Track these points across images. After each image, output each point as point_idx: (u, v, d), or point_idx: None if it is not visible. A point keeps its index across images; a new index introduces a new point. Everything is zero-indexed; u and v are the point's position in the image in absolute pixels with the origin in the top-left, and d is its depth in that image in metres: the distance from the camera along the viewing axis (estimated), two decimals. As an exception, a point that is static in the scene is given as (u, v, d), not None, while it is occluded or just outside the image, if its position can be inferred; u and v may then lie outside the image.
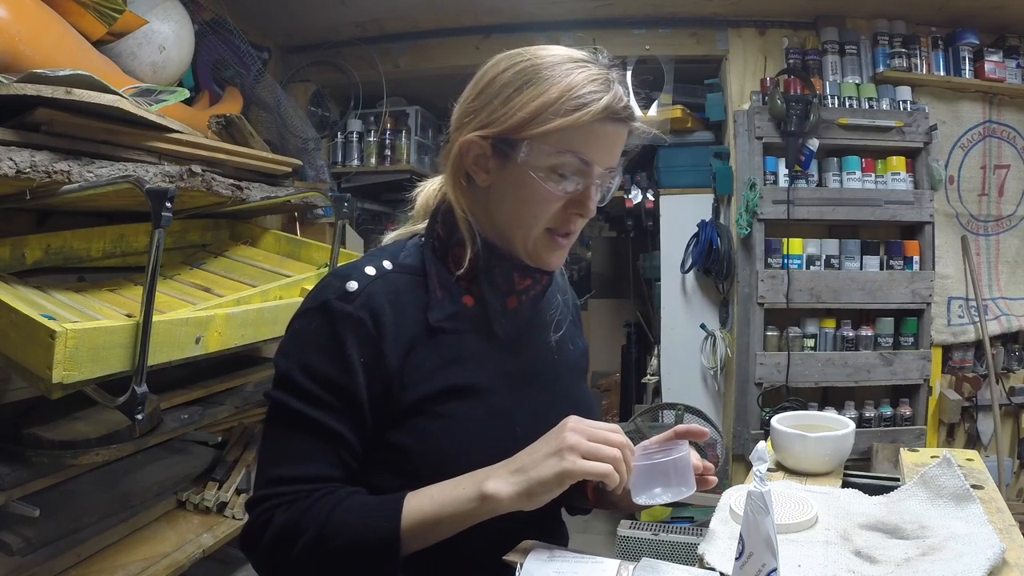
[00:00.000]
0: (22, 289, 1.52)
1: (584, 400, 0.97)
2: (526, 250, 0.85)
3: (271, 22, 3.03)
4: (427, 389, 0.79)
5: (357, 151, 3.43)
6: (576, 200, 0.82)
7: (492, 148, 0.82)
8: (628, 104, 0.81)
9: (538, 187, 0.80)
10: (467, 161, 0.84)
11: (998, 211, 3.05)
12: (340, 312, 0.79)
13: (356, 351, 0.78)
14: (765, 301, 2.85)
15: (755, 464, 0.74)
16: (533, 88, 0.79)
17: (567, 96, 0.77)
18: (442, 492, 0.75)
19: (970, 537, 0.88)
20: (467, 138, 0.82)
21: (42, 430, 1.59)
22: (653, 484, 0.81)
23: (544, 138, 0.78)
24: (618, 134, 0.82)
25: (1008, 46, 2.98)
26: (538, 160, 0.79)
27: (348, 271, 0.83)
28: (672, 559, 1.42)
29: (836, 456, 1.20)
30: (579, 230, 0.87)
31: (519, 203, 0.82)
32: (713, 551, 0.90)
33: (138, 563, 1.70)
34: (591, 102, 0.77)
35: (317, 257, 2.19)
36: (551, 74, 0.79)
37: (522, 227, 0.83)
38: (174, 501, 2.03)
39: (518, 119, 0.79)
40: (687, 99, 3.23)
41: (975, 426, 2.95)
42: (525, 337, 0.91)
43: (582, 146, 0.79)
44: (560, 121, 0.77)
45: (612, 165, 0.83)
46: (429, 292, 0.84)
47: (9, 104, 1.35)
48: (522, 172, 0.80)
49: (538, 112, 0.78)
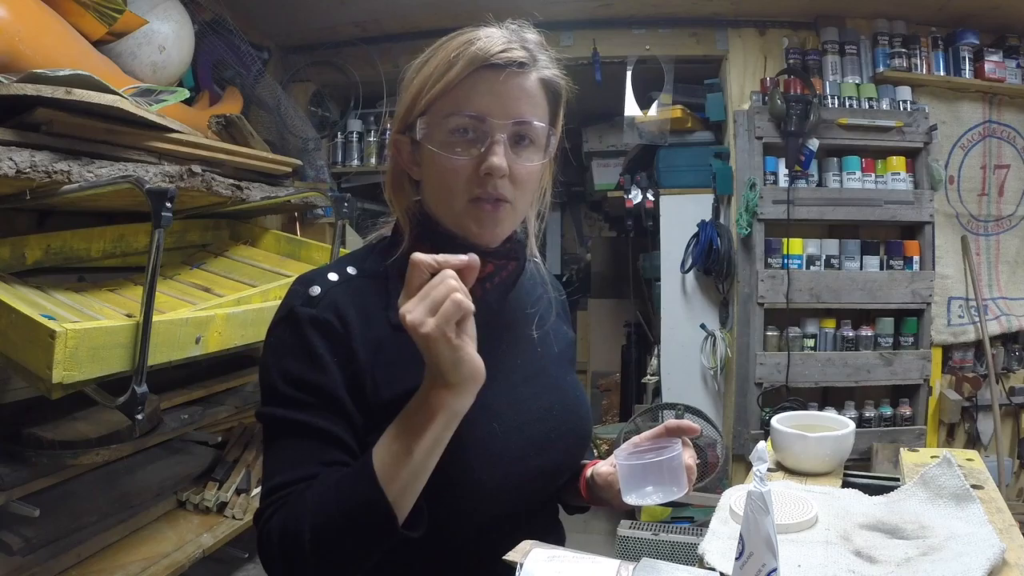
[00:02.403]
0: (22, 289, 1.52)
1: (572, 389, 0.96)
2: (456, 225, 0.83)
3: (271, 22, 3.03)
4: (398, 389, 0.79)
5: (357, 151, 3.43)
6: (482, 158, 0.80)
7: (410, 141, 0.84)
8: (506, 48, 0.79)
9: (443, 157, 0.80)
10: (403, 162, 0.86)
11: (998, 211, 3.05)
12: (306, 316, 0.80)
13: (327, 351, 0.79)
14: (765, 301, 2.85)
15: (755, 464, 0.74)
16: (420, 71, 0.83)
17: (442, 62, 0.80)
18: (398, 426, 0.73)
19: (970, 537, 0.88)
20: (391, 139, 0.87)
21: (42, 430, 1.59)
22: (644, 483, 0.79)
23: (431, 110, 0.81)
24: (508, 82, 0.79)
25: (1008, 46, 2.98)
26: (433, 132, 0.81)
27: (312, 277, 0.84)
28: (672, 559, 1.42)
29: (836, 456, 1.20)
30: (511, 196, 0.82)
31: (437, 180, 0.83)
32: (713, 551, 0.90)
33: (138, 563, 1.70)
34: (460, 56, 0.79)
35: (317, 257, 2.19)
36: (434, 52, 0.83)
37: (444, 201, 0.83)
38: (174, 501, 2.03)
39: (409, 101, 0.83)
40: (687, 99, 3.23)
41: (975, 426, 2.95)
42: (501, 329, 0.89)
43: (466, 102, 0.79)
44: (437, 86, 0.79)
45: (519, 116, 0.80)
46: (389, 291, 0.84)
47: (9, 104, 1.35)
48: (428, 150, 0.82)
49: (421, 86, 0.81)
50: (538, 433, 0.86)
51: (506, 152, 0.80)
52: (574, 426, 0.93)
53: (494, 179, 0.80)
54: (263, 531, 0.75)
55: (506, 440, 0.79)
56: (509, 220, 0.84)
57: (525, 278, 0.95)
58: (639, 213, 3.34)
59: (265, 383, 0.82)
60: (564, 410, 0.91)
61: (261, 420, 0.82)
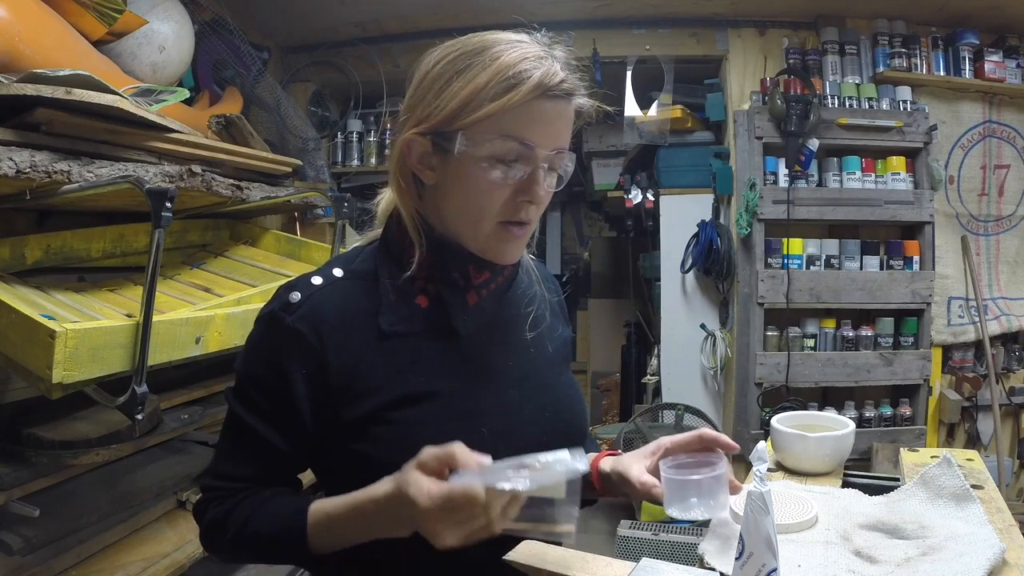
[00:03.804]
0: (22, 289, 1.52)
1: (565, 389, 0.95)
2: (479, 245, 0.82)
3: (271, 22, 3.03)
4: (383, 397, 0.79)
5: (357, 151, 3.43)
6: (523, 187, 0.79)
7: (432, 144, 0.80)
8: (565, 79, 0.78)
9: (481, 178, 0.78)
10: (411, 161, 0.82)
11: (998, 211, 3.05)
12: (280, 325, 0.80)
13: (295, 363, 0.79)
14: (765, 301, 2.85)
15: (755, 464, 0.74)
16: (463, 75, 0.77)
17: (497, 78, 0.75)
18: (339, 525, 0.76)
19: (970, 537, 0.88)
20: (405, 137, 0.81)
21: (42, 430, 1.59)
22: (688, 495, 0.81)
23: (478, 125, 0.76)
24: (558, 112, 0.79)
25: (1008, 46, 2.98)
26: (476, 149, 0.77)
27: (296, 282, 0.83)
28: (672, 559, 1.42)
29: (836, 456, 1.20)
30: (535, 219, 0.83)
31: (465, 197, 0.80)
32: (713, 551, 0.90)
33: (138, 563, 1.70)
34: (522, 81, 0.75)
35: (317, 257, 2.19)
36: (480, 59, 0.77)
37: (471, 221, 0.80)
38: (174, 501, 2.02)
39: (450, 110, 0.77)
40: (687, 99, 3.23)
41: (975, 426, 2.95)
42: (493, 333, 0.88)
43: (520, 129, 0.76)
44: (492, 105, 0.75)
45: (560, 146, 0.80)
46: (381, 296, 0.83)
47: (9, 104, 1.35)
48: (463, 164, 0.78)
49: (469, 99, 0.76)
50: (530, 435, 0.85)
51: (544, 179, 0.80)
52: (567, 426, 0.92)
53: (530, 206, 0.80)
54: (198, 507, 0.86)
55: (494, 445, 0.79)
56: (527, 241, 0.86)
57: (520, 279, 0.94)
58: (639, 213, 3.35)
59: (237, 372, 0.85)
60: (557, 411, 0.91)
61: (228, 401, 0.86)
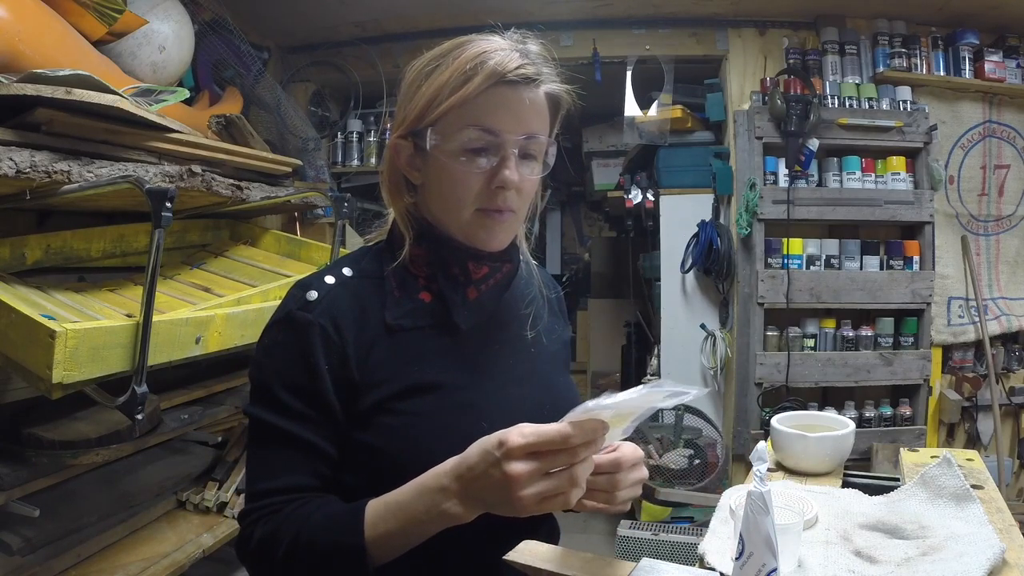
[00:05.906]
0: (22, 289, 1.52)
1: (564, 389, 0.97)
2: (463, 233, 0.85)
3: (271, 22, 3.03)
4: (389, 389, 0.81)
5: (357, 151, 3.43)
6: (494, 173, 0.82)
7: (414, 146, 0.85)
8: (522, 65, 0.80)
9: (454, 169, 0.82)
10: (400, 164, 0.87)
11: (998, 211, 3.05)
12: (303, 321, 0.81)
13: (322, 358, 0.80)
14: (765, 301, 2.85)
15: (755, 464, 0.74)
16: (431, 76, 0.82)
17: (456, 72, 0.80)
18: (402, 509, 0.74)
19: (970, 537, 0.88)
20: (391, 142, 0.87)
21: (42, 430, 1.59)
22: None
23: (444, 119, 0.81)
24: (519, 97, 0.81)
25: (1008, 46, 2.97)
26: (446, 143, 0.81)
27: (309, 281, 0.86)
28: (672, 559, 1.42)
29: (836, 456, 1.20)
30: (517, 206, 0.85)
31: (443, 189, 0.84)
32: (713, 551, 0.90)
33: (138, 563, 1.70)
34: (477, 71, 0.79)
35: (317, 257, 2.19)
36: (446, 60, 0.82)
37: (452, 211, 0.84)
38: (174, 501, 2.03)
39: (419, 109, 0.82)
40: (687, 99, 3.23)
41: (975, 426, 2.95)
42: (494, 329, 0.91)
43: (482, 117, 0.80)
44: (453, 98, 0.79)
45: (530, 131, 0.82)
46: (386, 292, 0.86)
47: (9, 104, 1.35)
48: (438, 159, 0.82)
49: (434, 96, 0.81)
50: None
51: (516, 165, 0.82)
52: None
53: (505, 192, 0.82)
54: (246, 531, 0.80)
55: None
56: (513, 228, 0.88)
57: (520, 279, 0.95)
58: (639, 213, 3.34)
59: (257, 382, 0.83)
60: (555, 409, 0.91)
61: (250, 418, 0.83)
